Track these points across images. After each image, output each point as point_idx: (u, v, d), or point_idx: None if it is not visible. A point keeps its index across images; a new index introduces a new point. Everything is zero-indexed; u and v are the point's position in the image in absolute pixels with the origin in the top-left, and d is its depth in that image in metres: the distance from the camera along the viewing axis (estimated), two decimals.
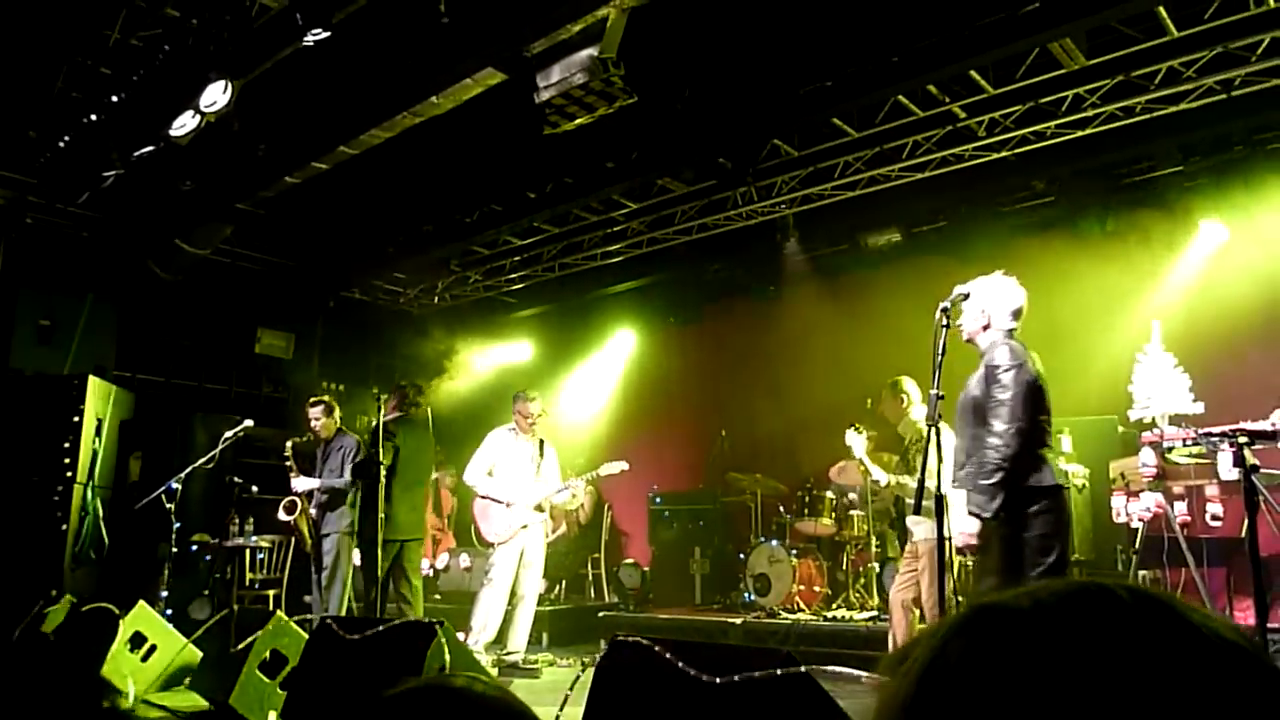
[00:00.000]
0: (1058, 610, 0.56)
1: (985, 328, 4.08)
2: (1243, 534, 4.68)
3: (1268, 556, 4.68)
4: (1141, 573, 6.01)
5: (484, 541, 7.04)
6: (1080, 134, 7.23)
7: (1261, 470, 4.03)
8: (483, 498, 7.02)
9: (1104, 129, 7.14)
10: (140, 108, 6.66)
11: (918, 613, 6.05)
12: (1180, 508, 5.62)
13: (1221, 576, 6.00)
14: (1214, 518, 5.56)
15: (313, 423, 7.47)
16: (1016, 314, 4.09)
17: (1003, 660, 0.55)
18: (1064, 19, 5.96)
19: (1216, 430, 4.30)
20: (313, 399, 7.70)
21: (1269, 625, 4.73)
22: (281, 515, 7.30)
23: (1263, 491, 3.90)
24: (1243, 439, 3.91)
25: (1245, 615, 5.54)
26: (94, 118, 6.92)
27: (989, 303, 4.06)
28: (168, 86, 6.37)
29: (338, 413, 7.63)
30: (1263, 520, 4.00)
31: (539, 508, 7.00)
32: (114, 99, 6.74)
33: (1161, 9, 5.87)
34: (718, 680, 2.70)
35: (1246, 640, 0.54)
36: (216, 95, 5.97)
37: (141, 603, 5.63)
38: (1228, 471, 4.26)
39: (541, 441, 7.25)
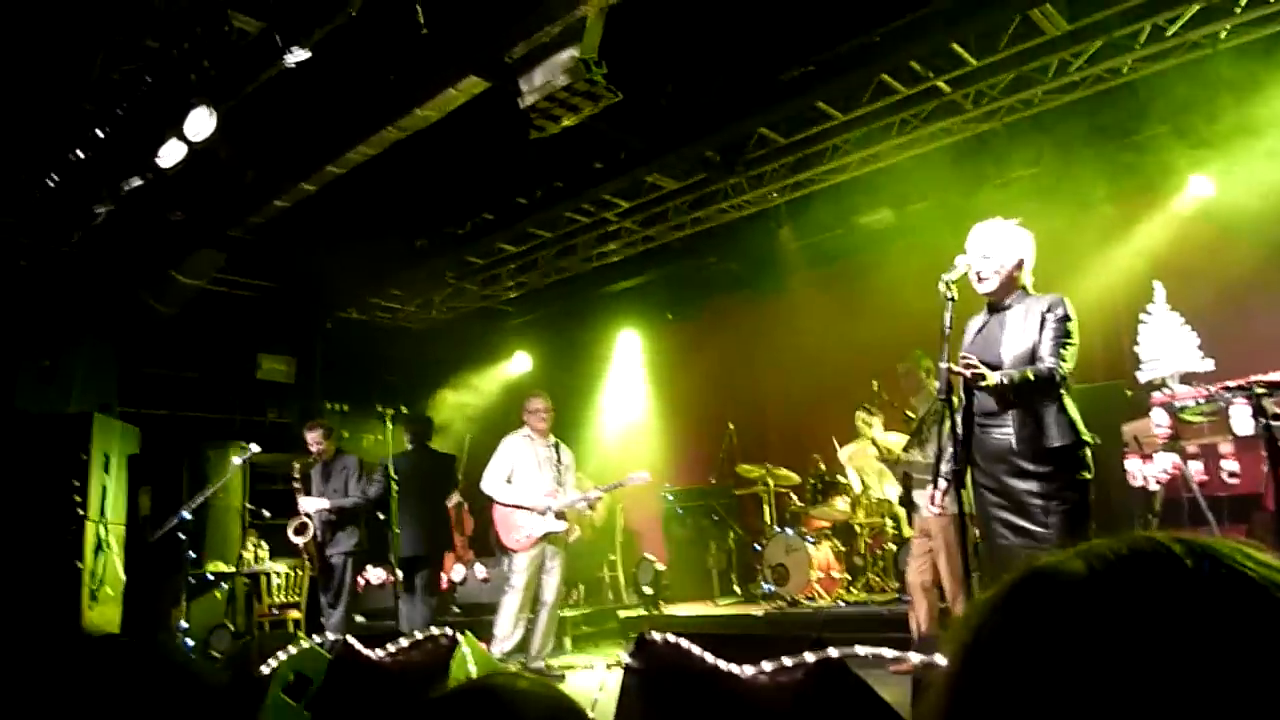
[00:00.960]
0: (1114, 577, 0.53)
1: (1015, 274, 3.97)
2: (1262, 488, 4.66)
3: None
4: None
5: (506, 549, 6.96)
6: (1068, 99, 7.21)
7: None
8: (503, 505, 6.95)
9: (1092, 91, 7.11)
10: (126, 141, 6.65)
11: (938, 592, 6.03)
12: (1195, 467, 5.59)
13: (1242, 533, 5.97)
14: (1231, 475, 5.53)
15: (313, 446, 7.50)
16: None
17: (1055, 631, 0.52)
18: None
19: (1233, 384, 4.28)
20: (310, 422, 7.74)
21: None
22: (292, 537, 7.28)
23: None
24: (1260, 390, 3.88)
25: None
26: (80, 155, 6.90)
27: (1022, 248, 3.96)
28: (152, 117, 6.35)
29: (336, 433, 7.67)
30: None
31: (561, 515, 6.96)
32: (99, 134, 6.72)
33: None
34: (750, 671, 2.68)
35: None
36: (201, 122, 5.96)
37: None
38: (1243, 426, 4.23)
39: (557, 444, 7.21)
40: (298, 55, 5.49)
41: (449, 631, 3.92)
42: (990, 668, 0.54)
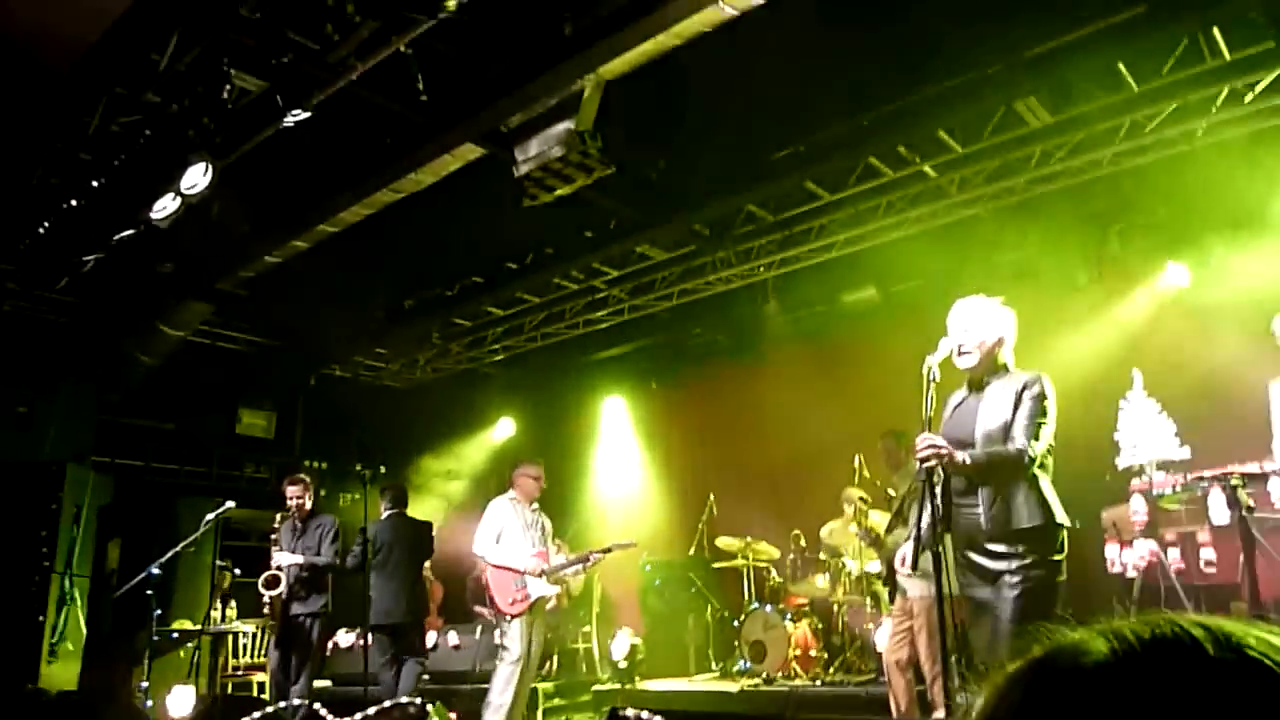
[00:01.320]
0: (1137, 661, 0.52)
1: (994, 350, 3.99)
2: (1239, 578, 4.66)
3: (1265, 600, 4.65)
4: None
5: (500, 613, 6.72)
6: (1051, 188, 7.38)
7: (1256, 514, 4.04)
8: (496, 568, 6.79)
9: (1074, 182, 7.28)
10: (120, 192, 6.68)
11: (914, 672, 5.97)
12: (1174, 554, 5.60)
13: None
14: (1208, 564, 5.53)
15: (291, 500, 7.33)
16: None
17: (1077, 714, 0.52)
18: (1027, 79, 6.13)
19: (1208, 474, 4.31)
20: (291, 476, 7.58)
21: None
22: (262, 590, 7.03)
23: (1259, 536, 3.89)
24: (1235, 481, 3.91)
25: None
26: (74, 203, 6.93)
27: (1001, 325, 3.99)
28: (148, 170, 6.40)
29: (314, 490, 7.57)
30: (1260, 563, 3.99)
31: (555, 580, 6.85)
32: (94, 184, 6.76)
33: (1121, 65, 6.04)
34: None
35: None
36: (197, 177, 6.00)
37: None
38: (1220, 516, 4.25)
39: (538, 510, 7.16)
40: (297, 116, 5.57)
41: (417, 701, 3.84)
42: None
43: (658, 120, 6.95)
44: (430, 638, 9.46)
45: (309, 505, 7.37)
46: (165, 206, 6.26)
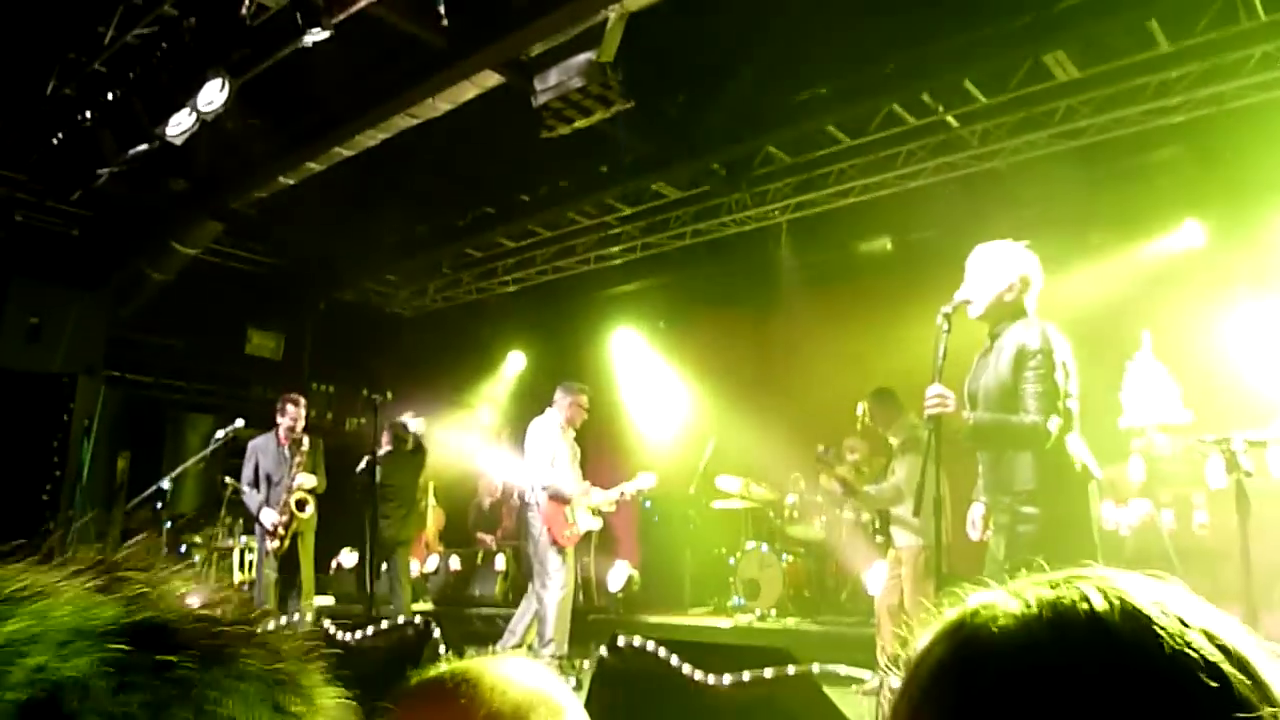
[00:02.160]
0: (1039, 628, 0.55)
1: (1004, 298, 3.83)
2: (1231, 542, 4.73)
3: (1256, 564, 4.72)
4: None
5: (555, 543, 6.48)
6: (1073, 144, 7.29)
7: (1252, 477, 4.08)
8: (551, 498, 6.51)
9: (1096, 140, 7.20)
10: (135, 106, 6.64)
11: (904, 618, 6.10)
12: (1168, 515, 5.67)
13: (1208, 585, 6.04)
14: (1200, 525, 5.61)
15: (293, 420, 7.20)
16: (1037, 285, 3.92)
17: (980, 674, 0.55)
18: (1057, 32, 6.03)
19: (1208, 437, 4.34)
20: (292, 394, 7.41)
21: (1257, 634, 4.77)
22: (296, 511, 6.93)
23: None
24: (1234, 446, 3.94)
25: None
26: (88, 115, 6.89)
27: (1024, 265, 3.84)
28: (164, 85, 6.35)
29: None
30: (1253, 528, 4.04)
31: (596, 512, 6.77)
32: (109, 97, 6.72)
33: (1154, 22, 5.94)
34: (717, 680, 2.71)
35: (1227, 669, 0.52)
36: (214, 94, 5.96)
37: None
38: (1216, 479, 4.30)
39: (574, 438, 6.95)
40: (317, 35, 5.51)
41: (422, 620, 3.94)
42: (924, 700, 0.58)
43: (680, 55, 6.86)
44: (431, 562, 9.65)
45: (301, 428, 7.27)
46: (181, 123, 6.22)
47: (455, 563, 9.50)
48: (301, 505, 6.94)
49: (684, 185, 8.70)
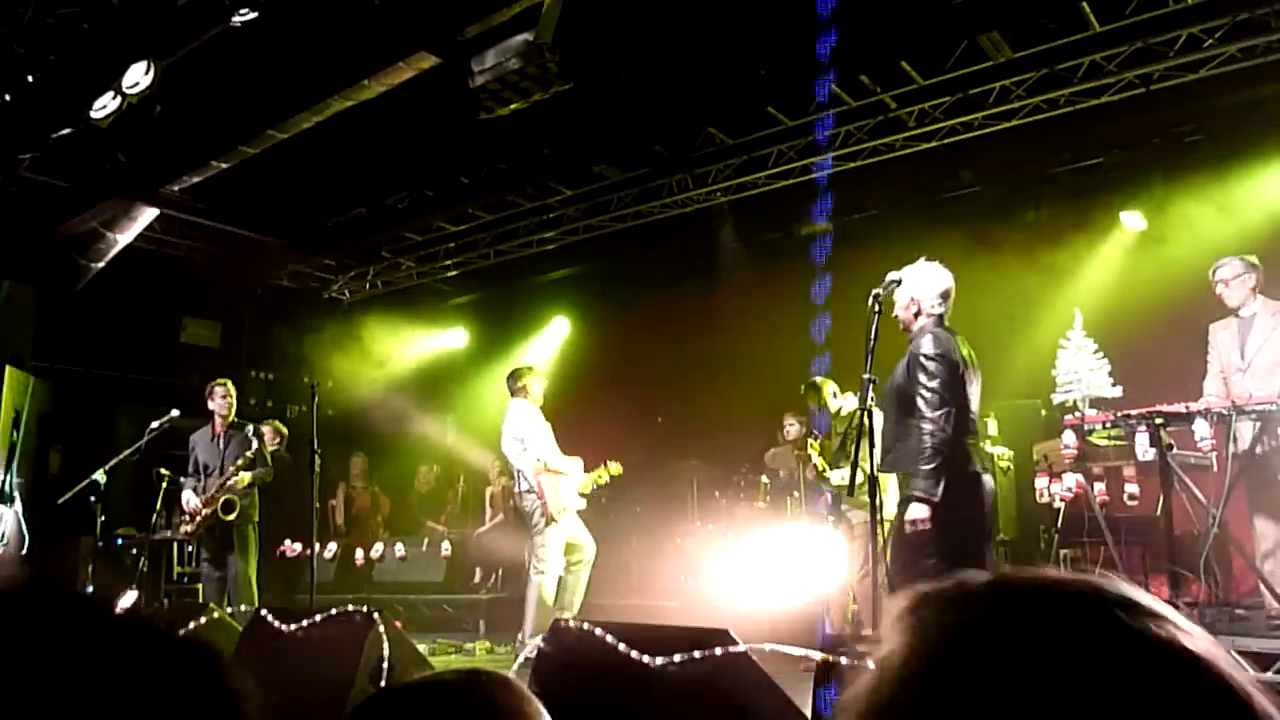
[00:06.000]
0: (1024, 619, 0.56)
1: (916, 315, 4.12)
2: (1158, 512, 4.88)
3: (1181, 534, 4.89)
4: (1063, 551, 6.22)
5: (549, 517, 6.60)
6: (1007, 125, 7.41)
7: (1176, 451, 4.21)
8: (549, 472, 6.68)
9: (1030, 120, 7.32)
10: (58, 88, 6.43)
11: (850, 596, 6.20)
12: (1099, 487, 5.82)
13: (1137, 553, 6.24)
14: (1130, 497, 5.77)
15: (223, 408, 6.91)
16: (944, 297, 4.14)
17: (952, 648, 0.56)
18: (991, 13, 6.12)
19: (1135, 413, 4.47)
20: (218, 381, 7.09)
21: (1183, 600, 4.93)
22: (223, 516, 6.75)
23: (1177, 471, 4.06)
24: (1159, 420, 4.06)
25: (1159, 591, 5.78)
26: (7, 98, 6.65)
27: (916, 289, 4.11)
28: (87, 66, 6.16)
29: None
30: (1176, 499, 4.18)
31: (581, 492, 6.88)
32: (29, 79, 6.50)
33: (1085, 4, 6.05)
34: (659, 661, 2.73)
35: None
36: (139, 76, 5.80)
37: None
38: (1144, 453, 4.42)
39: None
40: (244, 15, 5.38)
41: (365, 610, 3.91)
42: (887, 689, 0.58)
43: (619, 35, 6.82)
44: (376, 549, 9.58)
45: (231, 415, 7.00)
46: (105, 105, 6.05)
47: (400, 549, 9.42)
48: (228, 507, 6.71)
49: (625, 166, 8.67)
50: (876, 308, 3.74)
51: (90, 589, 6.53)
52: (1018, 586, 0.59)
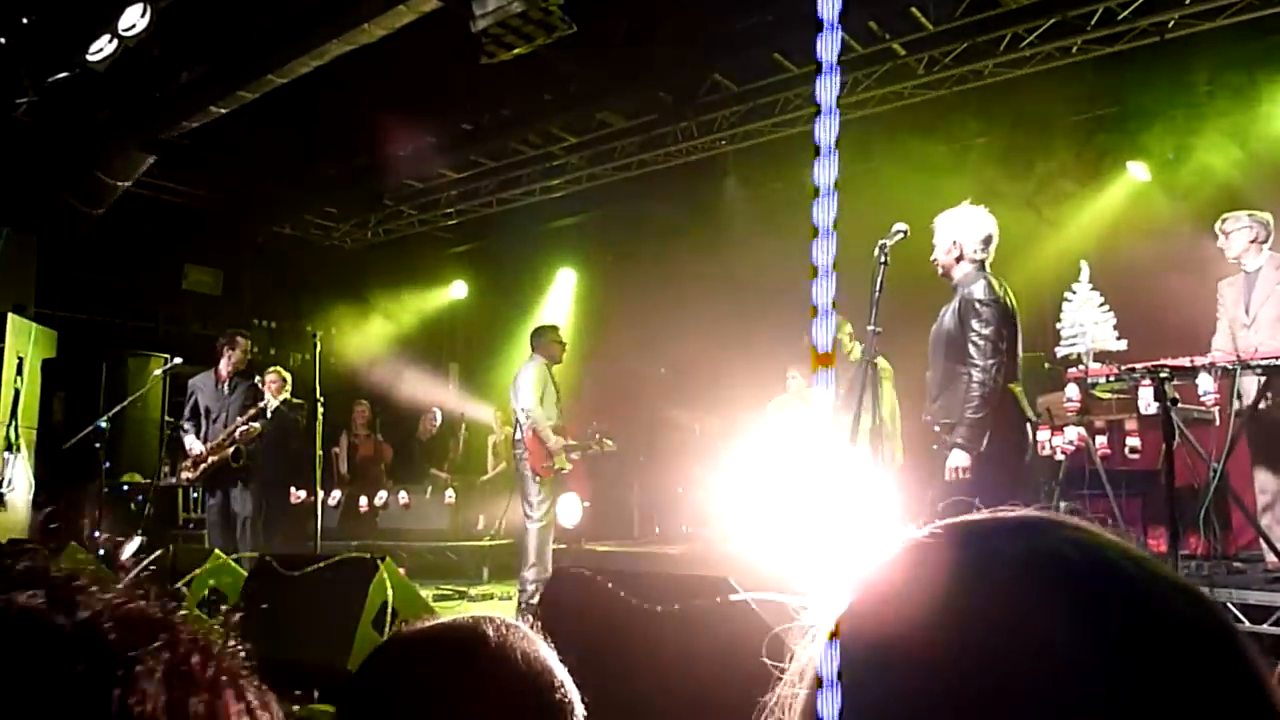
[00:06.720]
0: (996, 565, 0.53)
1: (959, 259, 4.04)
2: (1159, 465, 4.89)
3: (1181, 486, 4.89)
4: (1063, 504, 6.24)
5: (539, 474, 6.72)
6: (1018, 73, 7.29)
7: (1179, 405, 4.20)
8: (535, 431, 6.75)
9: (1040, 69, 7.20)
10: (54, 31, 6.33)
11: None
12: (1101, 440, 5.82)
13: (1137, 506, 6.26)
14: (1132, 450, 5.77)
15: (237, 359, 6.90)
16: (987, 242, 4.06)
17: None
18: None
19: (1140, 366, 4.45)
20: (237, 335, 7.06)
21: (1181, 553, 4.96)
22: (232, 463, 6.75)
23: (1179, 424, 4.05)
24: (1164, 374, 4.04)
25: (1158, 543, 5.82)
26: (2, 41, 6.55)
27: (960, 233, 4.02)
28: (83, 9, 6.06)
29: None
30: (1178, 452, 4.18)
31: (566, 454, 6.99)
32: (24, 21, 6.39)
33: None
34: (659, 608, 2.76)
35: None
36: (135, 18, 5.71)
37: None
38: (1147, 406, 4.41)
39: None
40: None
41: (369, 555, 3.94)
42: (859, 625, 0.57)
43: None
44: (380, 496, 9.66)
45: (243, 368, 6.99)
46: (101, 49, 5.96)
47: (403, 497, 9.50)
48: (238, 455, 6.74)
49: (630, 114, 8.56)
50: (883, 259, 3.70)
51: (97, 534, 6.60)
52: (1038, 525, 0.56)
